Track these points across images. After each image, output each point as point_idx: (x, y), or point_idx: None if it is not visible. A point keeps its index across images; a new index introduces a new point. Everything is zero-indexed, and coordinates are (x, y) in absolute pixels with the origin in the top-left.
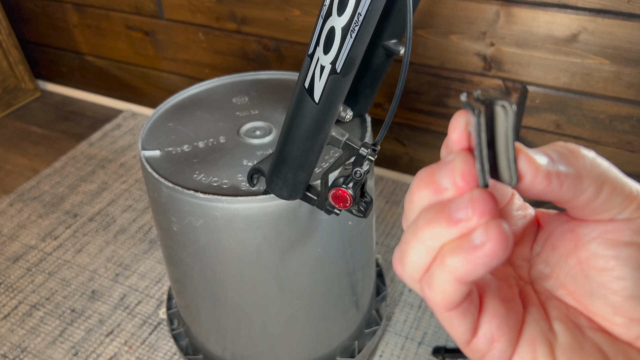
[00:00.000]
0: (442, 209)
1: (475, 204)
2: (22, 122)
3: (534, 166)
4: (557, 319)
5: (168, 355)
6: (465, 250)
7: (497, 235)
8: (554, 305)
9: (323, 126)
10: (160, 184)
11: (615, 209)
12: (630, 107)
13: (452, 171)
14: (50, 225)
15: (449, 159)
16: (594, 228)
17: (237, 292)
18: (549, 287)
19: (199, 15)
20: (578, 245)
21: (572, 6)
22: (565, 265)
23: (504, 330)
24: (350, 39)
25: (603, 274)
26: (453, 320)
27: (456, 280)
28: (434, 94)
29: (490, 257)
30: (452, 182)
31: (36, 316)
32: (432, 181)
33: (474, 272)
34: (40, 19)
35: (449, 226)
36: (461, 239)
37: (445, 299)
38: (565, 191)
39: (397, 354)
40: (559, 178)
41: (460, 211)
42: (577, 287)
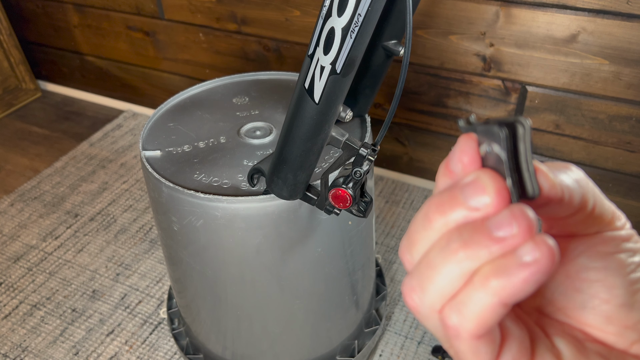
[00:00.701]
0: (479, 228)
1: (518, 219)
2: (22, 122)
3: (550, 180)
4: (557, 335)
5: (168, 354)
6: (514, 269)
7: (548, 251)
8: (547, 323)
9: (323, 126)
10: (160, 184)
11: (602, 223)
12: (630, 107)
13: (482, 190)
14: (51, 225)
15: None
16: (582, 242)
17: (238, 291)
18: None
19: (200, 16)
20: (566, 260)
21: (572, 7)
22: (552, 282)
23: (524, 353)
24: (350, 40)
25: (594, 285)
26: (480, 347)
27: (500, 302)
28: (433, 94)
29: (542, 274)
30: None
31: (37, 316)
32: (458, 203)
33: (522, 291)
34: (41, 19)
35: (490, 245)
36: (504, 258)
37: (480, 325)
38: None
39: (396, 353)
40: (569, 191)
41: (502, 229)
42: (567, 302)
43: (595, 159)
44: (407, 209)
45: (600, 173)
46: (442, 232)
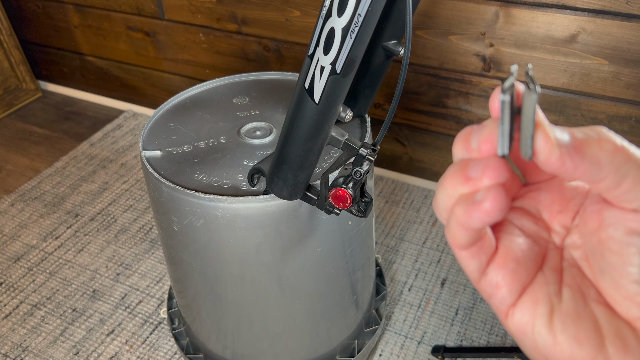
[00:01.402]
0: (464, 165)
1: (487, 169)
2: (23, 122)
3: (549, 146)
4: (568, 286)
5: (169, 354)
6: (468, 203)
7: (494, 198)
8: (573, 273)
9: (323, 126)
10: (161, 184)
11: (638, 201)
12: (629, 107)
13: (480, 135)
14: (51, 225)
15: (485, 123)
16: (616, 214)
17: (238, 291)
18: (576, 256)
19: (200, 16)
20: (601, 226)
21: (571, 7)
22: (589, 241)
23: (508, 282)
24: (350, 40)
25: (615, 257)
26: (464, 258)
27: (461, 225)
28: (433, 95)
29: (485, 215)
30: (478, 145)
31: (37, 316)
32: (466, 139)
33: (471, 222)
34: (42, 19)
35: (463, 182)
36: (471, 193)
37: (454, 240)
38: (579, 175)
39: (396, 353)
40: (573, 162)
41: (474, 171)
42: (594, 262)
43: None
44: (406, 209)
45: None
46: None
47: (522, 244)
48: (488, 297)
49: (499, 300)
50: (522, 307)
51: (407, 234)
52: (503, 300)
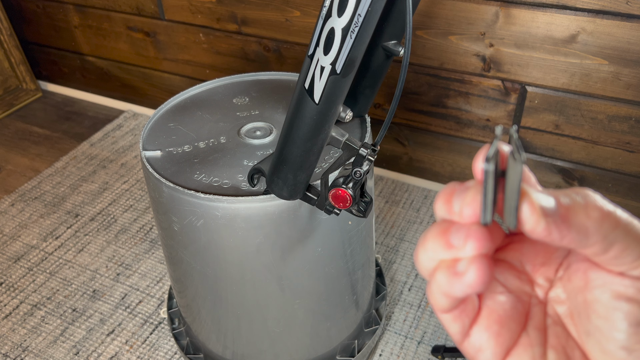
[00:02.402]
0: (446, 230)
1: (469, 237)
2: (23, 122)
3: (535, 217)
4: (553, 348)
5: (169, 354)
6: (449, 272)
7: (476, 271)
8: (557, 332)
9: (323, 126)
10: (161, 184)
11: (626, 266)
12: (629, 107)
13: (463, 200)
14: (51, 225)
15: (468, 185)
16: (602, 276)
17: (238, 291)
18: (560, 312)
19: (200, 16)
20: (586, 286)
21: (571, 7)
22: (575, 299)
23: (492, 345)
24: (350, 40)
25: (602, 321)
26: (446, 321)
27: (441, 292)
28: (433, 95)
29: (467, 286)
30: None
31: (37, 316)
32: (448, 200)
33: (453, 292)
34: (42, 19)
35: (445, 247)
36: (453, 261)
37: (436, 304)
38: (566, 243)
39: (396, 353)
40: (560, 232)
41: (456, 239)
42: (579, 323)
43: (594, 159)
44: (406, 209)
45: (600, 173)
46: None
47: (505, 303)
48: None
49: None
50: None
51: (407, 234)
52: None
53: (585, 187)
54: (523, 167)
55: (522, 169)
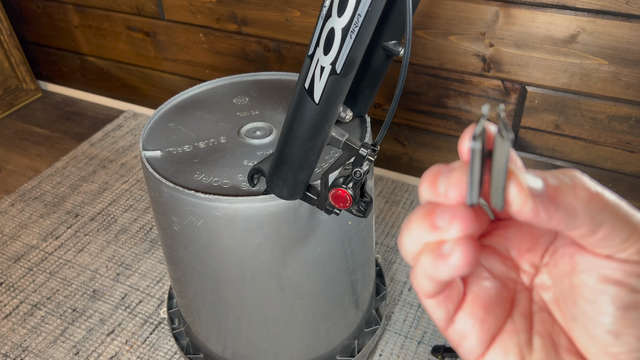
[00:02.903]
0: (431, 212)
1: (454, 219)
2: (23, 122)
3: (522, 197)
4: (539, 334)
5: (169, 354)
6: (434, 254)
7: (462, 253)
8: (542, 318)
9: (323, 126)
10: (161, 184)
11: (613, 248)
12: (629, 107)
13: (449, 181)
14: (51, 225)
15: (453, 166)
16: (589, 259)
17: (238, 291)
18: (546, 298)
19: (200, 16)
20: (573, 270)
21: (571, 7)
22: (561, 284)
23: (477, 331)
24: (350, 40)
25: (588, 305)
26: (430, 307)
27: (426, 275)
28: (433, 95)
29: (452, 268)
30: (446, 191)
31: (37, 316)
32: (433, 182)
33: (438, 275)
34: (42, 19)
35: (430, 229)
36: (438, 243)
37: (420, 289)
38: (554, 224)
39: (396, 353)
40: (548, 212)
41: (441, 220)
42: (565, 308)
43: (594, 159)
44: (407, 209)
45: (600, 173)
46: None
47: (490, 289)
48: (456, 346)
49: (468, 350)
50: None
51: None
52: (472, 350)
53: (573, 169)
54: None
55: (510, 147)
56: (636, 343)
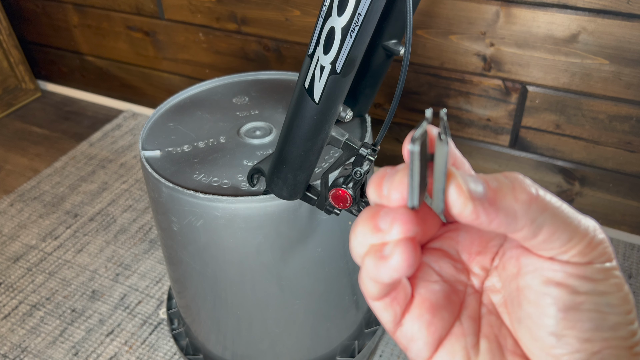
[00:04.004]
0: (375, 214)
1: (395, 221)
2: (22, 122)
3: (462, 199)
4: (486, 337)
5: (168, 355)
6: (376, 256)
7: (401, 254)
8: (490, 321)
9: (323, 126)
10: (160, 184)
11: (555, 250)
12: (630, 107)
13: (391, 183)
14: (50, 225)
15: (397, 168)
16: (533, 261)
17: (238, 291)
18: (495, 301)
19: (199, 16)
20: (519, 273)
21: (572, 6)
22: (508, 286)
23: (424, 334)
24: (350, 39)
25: (532, 307)
26: (377, 309)
27: (370, 277)
28: (433, 94)
29: (392, 270)
30: (389, 193)
31: (36, 316)
32: (379, 184)
33: (380, 276)
34: (41, 19)
35: (373, 231)
36: (380, 245)
37: (366, 291)
38: (495, 227)
39: (397, 353)
40: (488, 215)
41: (383, 222)
42: (512, 310)
43: (595, 159)
44: None
45: (601, 173)
46: None
47: (438, 292)
48: (404, 349)
49: (415, 353)
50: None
51: None
52: (419, 353)
53: (515, 172)
54: (449, 149)
55: (448, 150)
56: (578, 345)
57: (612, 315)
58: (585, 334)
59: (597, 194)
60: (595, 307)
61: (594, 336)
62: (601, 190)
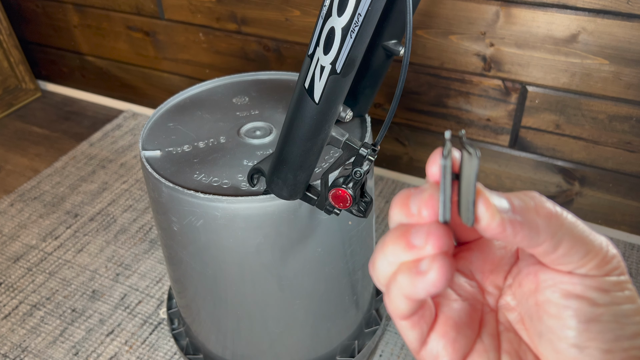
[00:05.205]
0: (406, 232)
1: (429, 236)
2: (22, 122)
3: (490, 212)
4: (507, 353)
5: (168, 354)
6: (412, 272)
7: (440, 269)
8: (509, 338)
9: (323, 126)
10: (160, 184)
11: (573, 264)
12: (630, 107)
13: (420, 201)
14: (50, 225)
15: (423, 187)
16: (552, 276)
17: (238, 291)
18: (511, 319)
19: (199, 16)
20: (537, 288)
21: (572, 6)
22: (526, 303)
23: (449, 352)
24: (350, 40)
25: (553, 320)
26: (404, 328)
27: (404, 295)
28: (433, 94)
29: (430, 285)
30: (419, 210)
31: (37, 316)
32: (405, 204)
33: (416, 292)
34: (41, 19)
35: (406, 249)
36: (414, 262)
37: (396, 310)
38: (519, 240)
39: (397, 353)
40: (514, 228)
41: (417, 239)
42: (531, 326)
43: (595, 159)
44: None
45: (600, 173)
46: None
47: (460, 310)
48: None
49: None
50: None
51: None
52: None
53: (532, 191)
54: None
55: (478, 163)
56: (599, 355)
57: (629, 326)
58: (606, 344)
59: (597, 194)
60: (614, 318)
61: (614, 346)
62: (601, 190)
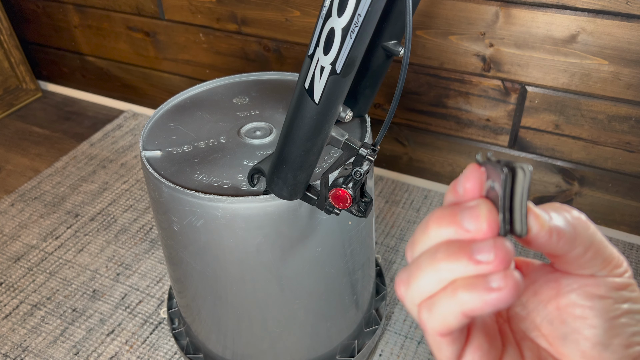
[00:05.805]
0: (464, 247)
1: (498, 250)
2: (23, 122)
3: (540, 222)
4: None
5: (169, 354)
6: (480, 289)
7: (513, 284)
8: (528, 346)
9: (323, 126)
10: (161, 184)
11: (596, 267)
12: (629, 107)
13: (477, 217)
14: (51, 225)
15: (472, 204)
16: (575, 280)
17: (238, 291)
18: (523, 328)
19: (200, 16)
20: (559, 293)
21: (571, 7)
22: (543, 310)
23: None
24: (350, 40)
25: (578, 321)
26: (443, 345)
27: (462, 312)
28: (433, 95)
29: (501, 301)
30: (477, 226)
31: (37, 316)
32: (454, 221)
33: (482, 309)
34: (42, 19)
35: (468, 264)
36: (477, 278)
37: (443, 326)
38: (561, 246)
39: (396, 353)
40: (558, 235)
41: (482, 254)
42: (552, 330)
43: (594, 159)
44: (406, 209)
45: (600, 173)
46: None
47: (488, 322)
48: None
49: None
50: None
51: (407, 234)
52: None
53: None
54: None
55: (530, 180)
56: (622, 351)
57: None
58: (628, 339)
59: (596, 194)
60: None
61: (634, 340)
62: (600, 190)
